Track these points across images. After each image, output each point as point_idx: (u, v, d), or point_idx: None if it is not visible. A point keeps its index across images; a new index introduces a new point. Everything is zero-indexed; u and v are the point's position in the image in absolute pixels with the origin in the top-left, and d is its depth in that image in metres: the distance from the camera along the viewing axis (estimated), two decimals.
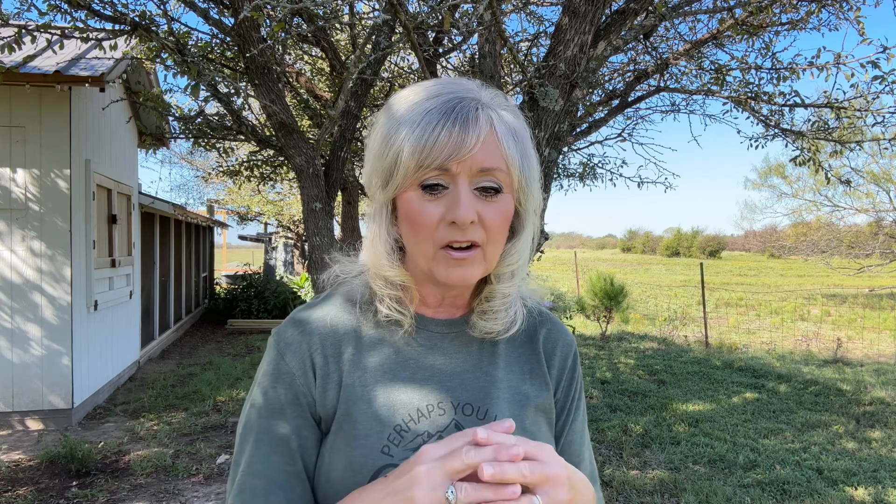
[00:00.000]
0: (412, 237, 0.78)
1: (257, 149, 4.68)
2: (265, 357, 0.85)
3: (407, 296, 0.85)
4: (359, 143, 4.68)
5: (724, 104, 3.95)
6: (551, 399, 0.89)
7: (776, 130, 3.85)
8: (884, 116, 3.49)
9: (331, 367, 0.82)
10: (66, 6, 3.01)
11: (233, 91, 3.33)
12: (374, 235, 0.82)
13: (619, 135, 5.57)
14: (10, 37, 3.07)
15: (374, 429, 0.79)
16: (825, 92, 3.66)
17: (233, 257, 38.49)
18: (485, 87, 0.81)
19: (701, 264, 11.71)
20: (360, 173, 5.14)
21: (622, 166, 5.81)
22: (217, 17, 3.21)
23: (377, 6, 4.21)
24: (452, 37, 3.69)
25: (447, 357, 0.85)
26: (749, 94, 3.63)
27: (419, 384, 0.83)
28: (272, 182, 5.64)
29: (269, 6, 2.58)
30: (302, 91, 4.30)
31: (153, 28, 3.00)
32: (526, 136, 0.81)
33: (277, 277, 15.26)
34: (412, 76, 5.60)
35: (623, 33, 3.15)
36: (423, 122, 0.74)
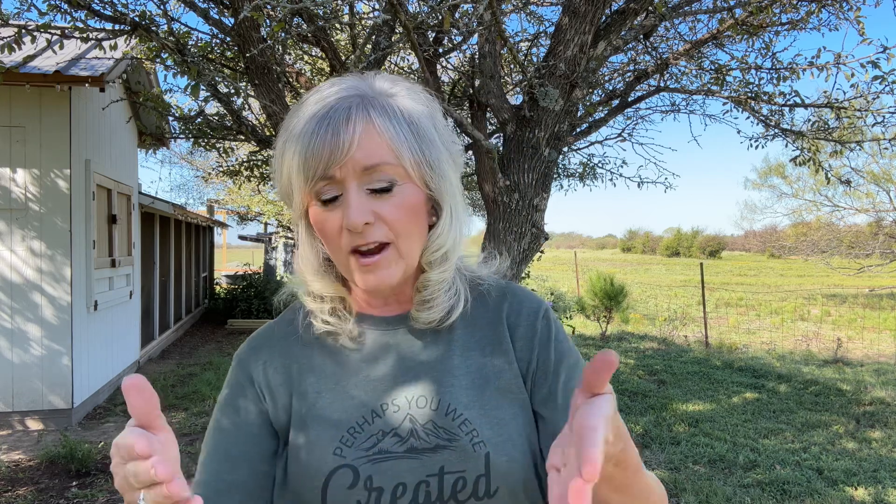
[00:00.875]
0: (328, 248, 0.79)
1: (257, 149, 4.68)
2: (227, 374, 0.88)
3: (344, 306, 0.85)
4: None
5: (724, 104, 3.95)
6: (517, 374, 0.83)
7: (776, 130, 3.85)
8: (884, 116, 3.49)
9: (280, 379, 0.84)
10: (66, 6, 3.01)
11: (233, 91, 3.33)
12: (301, 252, 0.84)
13: (619, 135, 5.57)
14: (10, 37, 3.07)
15: (327, 433, 0.79)
16: (825, 92, 3.66)
17: (233, 257, 38.48)
18: (377, 76, 0.79)
19: (701, 264, 11.71)
20: None
21: (622, 166, 5.80)
22: (217, 17, 3.21)
23: (377, 6, 4.21)
24: (452, 37, 3.69)
25: (398, 353, 0.84)
26: (749, 94, 3.63)
27: (372, 384, 0.82)
28: (272, 182, 5.63)
29: (269, 6, 2.58)
30: (302, 91, 4.30)
31: (153, 28, 3.00)
32: (426, 120, 0.77)
33: (277, 277, 15.27)
34: (412, 76, 5.60)
35: (623, 33, 3.15)
36: (302, 135, 0.74)
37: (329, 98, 0.75)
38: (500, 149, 3.29)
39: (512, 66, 4.88)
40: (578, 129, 3.91)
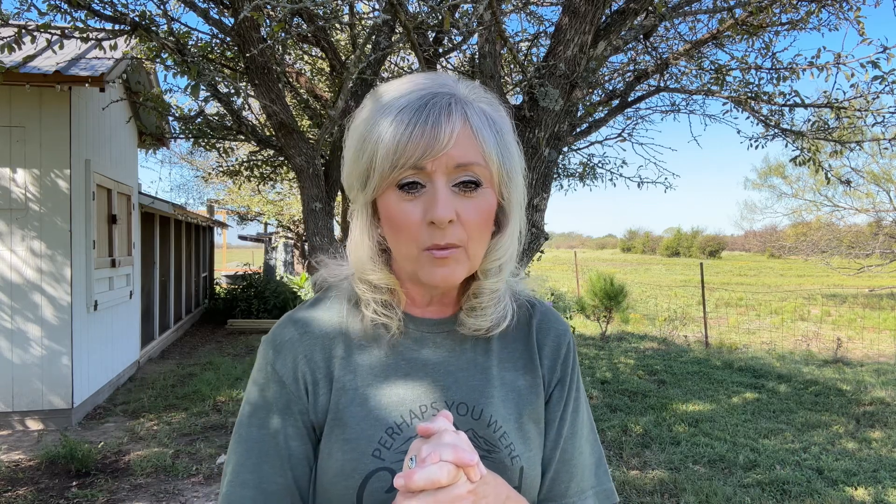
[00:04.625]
0: (395, 239, 0.77)
1: (257, 149, 4.68)
2: (258, 360, 0.84)
3: (394, 297, 0.83)
4: None
5: (724, 104, 3.95)
6: (541, 394, 0.86)
7: (776, 130, 3.85)
8: (884, 116, 3.49)
9: (321, 371, 0.81)
10: (66, 6, 3.01)
11: (233, 91, 3.33)
12: (357, 239, 0.81)
13: (619, 135, 5.57)
14: (10, 37, 3.07)
15: (365, 432, 0.77)
16: (825, 92, 3.65)
17: (233, 257, 38.48)
18: (462, 80, 0.79)
19: (701, 264, 11.71)
20: None
21: (622, 166, 5.80)
22: (217, 17, 3.21)
23: (377, 6, 4.21)
24: (452, 37, 3.69)
25: (439, 356, 0.83)
26: (749, 94, 3.63)
27: (411, 385, 0.81)
28: (272, 182, 5.64)
29: (269, 6, 2.58)
30: (302, 91, 4.30)
31: (153, 28, 3.00)
32: (506, 128, 0.78)
33: (277, 277, 15.26)
34: None
35: (623, 33, 3.15)
36: (396, 121, 0.72)
37: (424, 90, 0.74)
38: None
39: (512, 66, 4.88)
40: (578, 129, 3.91)
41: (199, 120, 4.07)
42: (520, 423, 0.82)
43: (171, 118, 4.54)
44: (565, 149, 5.28)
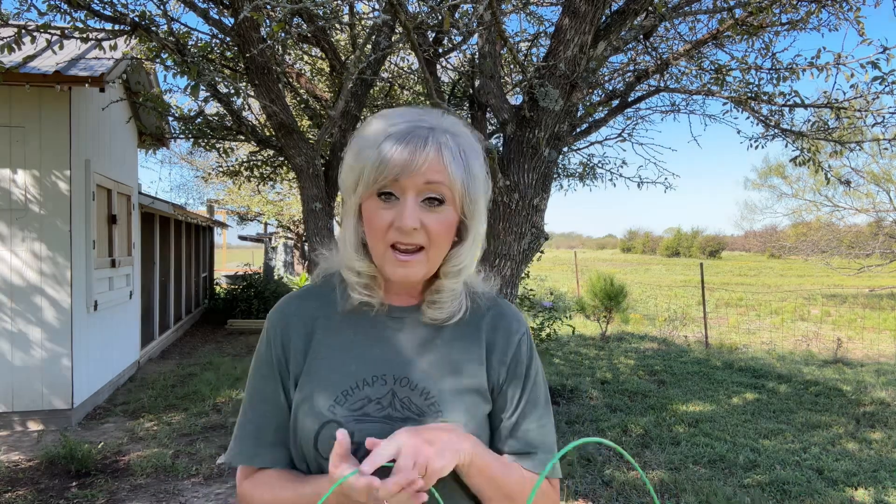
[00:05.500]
0: (370, 237, 0.96)
1: (257, 149, 4.68)
2: (263, 326, 1.08)
3: (374, 283, 1.02)
4: None
5: (724, 104, 3.95)
6: (484, 377, 1.03)
7: (776, 130, 3.85)
8: (884, 117, 3.49)
9: (302, 341, 1.03)
10: (65, 6, 3.01)
11: (233, 91, 3.33)
12: (345, 234, 1.01)
13: (619, 135, 5.57)
14: (9, 37, 3.07)
15: (327, 388, 0.98)
16: (825, 92, 3.65)
17: (233, 257, 38.45)
18: (446, 115, 0.98)
19: (701, 264, 11.71)
20: None
21: (622, 166, 5.80)
22: (217, 17, 3.21)
23: (377, 6, 4.20)
24: (452, 37, 3.69)
25: (398, 337, 1.03)
26: (749, 95, 3.62)
27: (370, 358, 1.01)
28: (272, 182, 5.64)
29: (269, 6, 2.58)
30: (302, 91, 4.30)
31: (153, 28, 3.00)
32: (473, 159, 0.97)
33: (277, 278, 15.26)
34: (412, 76, 5.59)
35: (623, 33, 3.15)
36: (384, 144, 0.92)
37: (411, 123, 0.94)
38: (500, 149, 3.29)
39: (512, 66, 4.88)
40: (578, 129, 3.91)
41: (199, 120, 4.07)
42: (460, 398, 1.00)
43: (170, 118, 4.54)
44: (565, 149, 5.27)
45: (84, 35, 3.01)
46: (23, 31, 3.02)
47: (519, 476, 1.00)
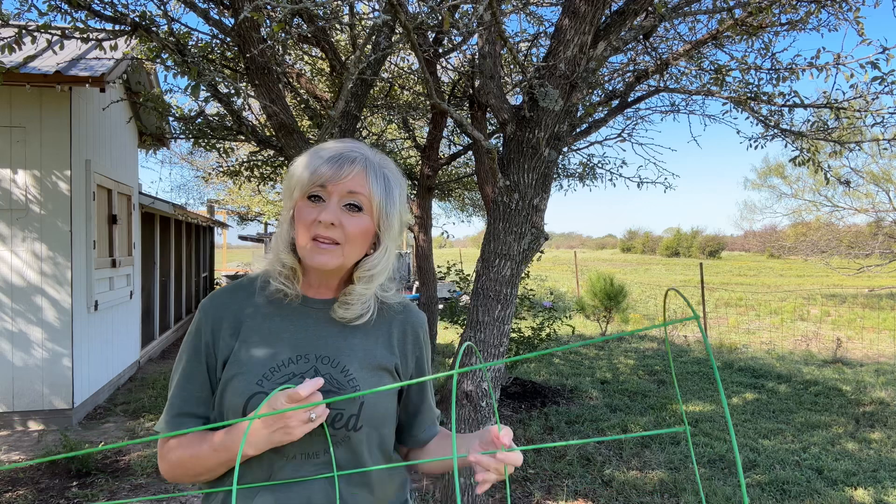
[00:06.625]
0: (297, 231, 1.13)
1: (257, 149, 4.68)
2: (194, 318, 1.22)
3: (294, 277, 1.19)
4: None
5: (724, 104, 3.95)
6: (396, 361, 1.22)
7: (776, 131, 3.85)
8: (883, 117, 3.49)
9: (231, 327, 1.18)
10: (66, 6, 3.01)
11: (233, 91, 3.34)
12: (279, 234, 1.19)
13: (619, 135, 5.57)
14: (10, 37, 3.07)
15: (254, 368, 1.13)
16: (825, 92, 3.65)
17: (233, 257, 38.45)
18: (376, 152, 1.19)
19: (701, 264, 11.72)
20: None
21: (622, 166, 5.81)
22: (217, 17, 3.21)
23: (377, 6, 4.21)
24: (452, 37, 3.70)
25: (318, 325, 1.19)
26: (749, 95, 3.63)
27: (293, 342, 1.17)
28: (272, 182, 5.65)
29: (269, 6, 2.58)
30: (302, 91, 4.30)
31: (153, 28, 3.00)
32: (394, 185, 1.17)
33: None
34: (412, 76, 5.60)
35: (623, 33, 3.16)
36: (318, 159, 1.13)
37: (344, 150, 1.15)
38: (500, 149, 3.29)
39: (512, 66, 4.88)
40: (578, 130, 3.91)
41: (199, 120, 4.07)
42: (373, 373, 1.18)
43: (171, 118, 4.54)
44: (565, 149, 5.28)
45: (84, 35, 3.01)
46: (23, 31, 3.03)
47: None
